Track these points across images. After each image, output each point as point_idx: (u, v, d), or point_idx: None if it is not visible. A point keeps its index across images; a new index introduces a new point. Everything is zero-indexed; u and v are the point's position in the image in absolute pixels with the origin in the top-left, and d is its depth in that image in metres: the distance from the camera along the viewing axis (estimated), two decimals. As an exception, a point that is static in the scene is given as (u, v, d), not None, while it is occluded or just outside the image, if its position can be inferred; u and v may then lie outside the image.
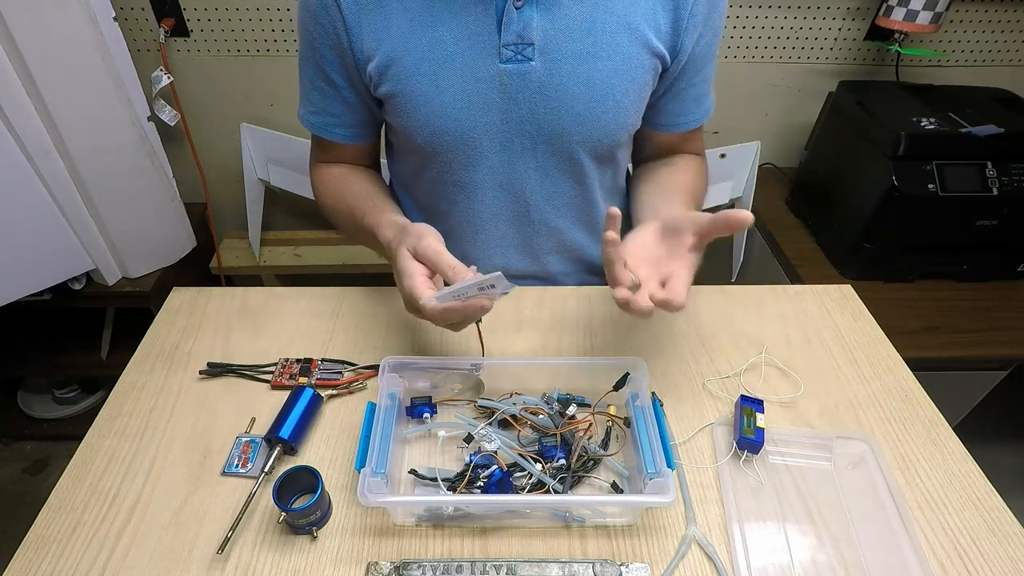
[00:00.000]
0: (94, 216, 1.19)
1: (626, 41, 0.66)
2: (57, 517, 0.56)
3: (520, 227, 0.79)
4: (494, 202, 0.76)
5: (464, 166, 0.73)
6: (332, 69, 0.70)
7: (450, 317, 0.57)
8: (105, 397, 0.74)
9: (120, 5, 1.28)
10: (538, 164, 0.73)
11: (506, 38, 0.64)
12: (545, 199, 0.77)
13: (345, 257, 1.60)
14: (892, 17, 1.26)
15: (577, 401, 0.63)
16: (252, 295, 0.80)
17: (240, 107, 1.47)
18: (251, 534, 0.55)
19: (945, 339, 1.13)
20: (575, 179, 0.76)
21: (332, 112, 0.74)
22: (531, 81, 0.66)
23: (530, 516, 0.56)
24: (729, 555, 0.55)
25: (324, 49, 0.68)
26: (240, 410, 0.66)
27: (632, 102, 0.70)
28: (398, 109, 0.69)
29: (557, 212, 0.79)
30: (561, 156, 0.73)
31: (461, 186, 0.75)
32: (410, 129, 0.70)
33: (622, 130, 0.72)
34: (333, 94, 0.72)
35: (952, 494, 0.60)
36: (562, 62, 0.66)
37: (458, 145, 0.71)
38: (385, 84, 0.68)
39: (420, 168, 0.76)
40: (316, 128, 0.76)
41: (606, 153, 0.75)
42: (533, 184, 0.75)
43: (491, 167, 0.73)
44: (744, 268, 1.54)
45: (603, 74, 0.67)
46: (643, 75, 0.69)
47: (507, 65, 0.66)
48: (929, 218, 1.14)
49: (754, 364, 0.73)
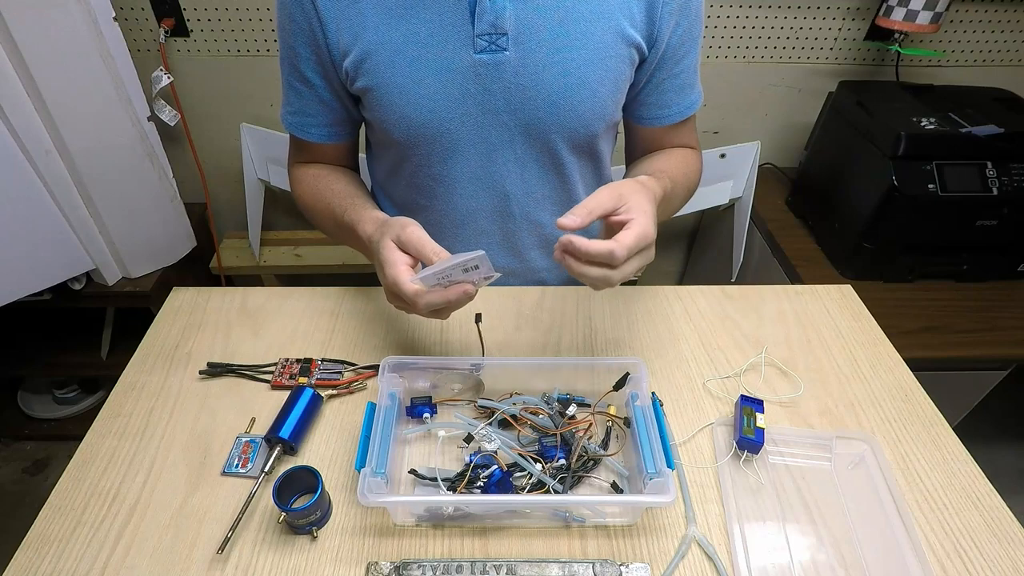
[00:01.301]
0: (94, 216, 1.18)
1: (599, 30, 0.66)
2: (57, 517, 0.56)
3: (501, 222, 0.79)
4: (474, 196, 0.76)
5: (442, 159, 0.73)
6: (308, 67, 0.70)
7: (433, 303, 0.56)
8: (105, 397, 0.74)
9: (120, 5, 1.28)
10: (516, 156, 0.73)
11: (479, 28, 0.64)
12: (525, 192, 0.77)
13: (345, 257, 1.60)
14: (892, 17, 1.26)
15: (577, 401, 0.63)
16: (252, 295, 0.80)
17: (240, 107, 1.47)
18: (251, 534, 0.55)
19: (945, 339, 1.13)
20: (555, 172, 0.76)
21: (308, 112, 0.74)
22: (506, 71, 0.67)
23: (530, 516, 0.56)
24: (729, 555, 0.55)
25: (300, 47, 0.68)
26: (240, 410, 0.66)
27: (609, 91, 0.70)
28: (374, 103, 0.69)
29: (538, 206, 0.79)
30: (539, 147, 0.73)
31: (440, 180, 0.75)
32: (387, 123, 0.70)
33: (599, 120, 0.72)
34: (309, 93, 0.72)
35: (952, 494, 0.60)
36: (536, 51, 0.66)
37: (435, 137, 0.71)
38: (361, 78, 0.68)
39: (398, 163, 0.77)
40: (293, 128, 0.76)
41: (584, 144, 0.75)
42: (513, 177, 0.75)
43: (469, 160, 0.73)
44: (744, 268, 1.54)
45: (577, 63, 0.67)
46: (619, 64, 0.69)
47: (481, 55, 0.66)
48: (929, 218, 1.14)
49: (754, 364, 0.73)
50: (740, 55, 1.45)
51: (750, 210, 1.48)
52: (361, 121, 0.78)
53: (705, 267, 1.80)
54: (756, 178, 1.48)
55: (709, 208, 1.56)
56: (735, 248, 1.54)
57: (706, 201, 1.54)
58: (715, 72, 1.46)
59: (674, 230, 1.82)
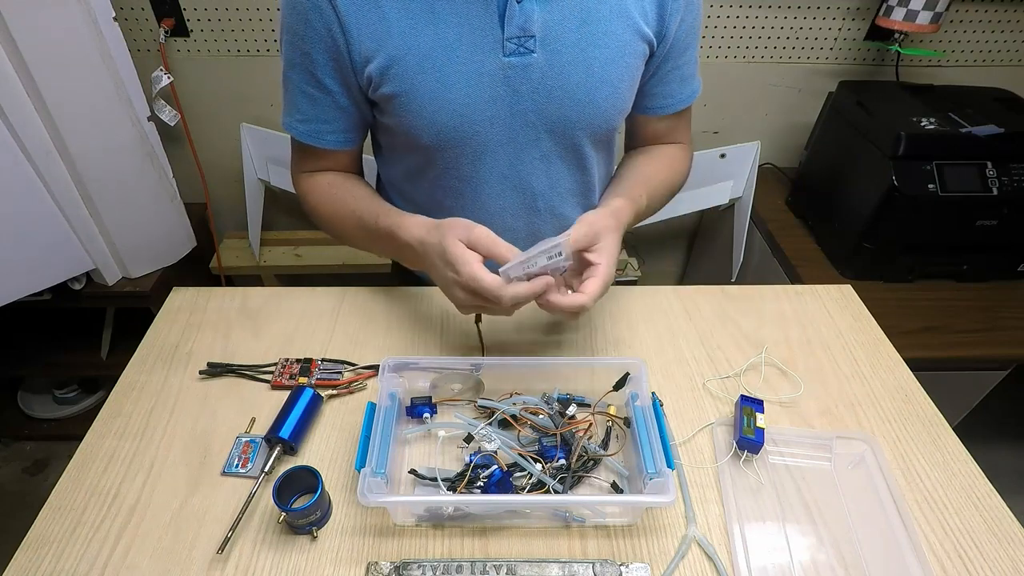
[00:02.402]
0: (94, 216, 1.18)
1: (619, 28, 0.68)
2: (57, 517, 0.56)
3: (527, 218, 0.80)
4: (500, 195, 0.77)
5: (471, 161, 0.73)
6: (325, 74, 0.68)
7: (520, 295, 0.58)
8: (105, 397, 0.74)
9: (120, 5, 1.28)
10: (542, 153, 0.74)
11: (509, 32, 0.65)
12: (550, 187, 0.78)
13: (345, 257, 1.60)
14: (892, 17, 1.26)
15: (577, 401, 0.63)
16: (252, 295, 0.80)
17: (240, 107, 1.47)
18: (251, 534, 0.55)
19: (945, 339, 1.13)
20: (577, 165, 0.78)
21: (324, 119, 0.73)
22: (533, 72, 0.67)
23: (530, 516, 0.56)
24: (729, 555, 0.55)
25: (316, 53, 0.67)
26: (240, 410, 0.66)
27: (627, 87, 0.73)
28: (401, 109, 0.69)
29: (562, 199, 0.80)
30: (564, 144, 0.74)
31: (468, 181, 0.75)
32: (415, 128, 0.70)
33: (619, 114, 0.75)
34: (326, 100, 0.71)
35: (952, 494, 0.60)
36: (562, 52, 0.67)
37: (466, 140, 0.71)
38: (387, 84, 0.67)
39: (423, 166, 0.76)
40: (306, 137, 0.74)
41: (604, 137, 0.77)
42: (538, 173, 0.76)
43: (497, 160, 0.74)
44: (744, 268, 1.54)
45: (600, 61, 0.68)
46: (635, 60, 0.71)
47: (510, 58, 0.66)
48: (929, 218, 1.14)
49: (754, 364, 0.73)
50: (740, 55, 1.45)
51: (750, 210, 1.48)
52: (372, 125, 0.78)
53: (705, 267, 1.80)
54: (756, 178, 1.48)
55: (709, 208, 1.56)
56: (735, 248, 1.54)
57: (706, 201, 1.54)
58: (716, 72, 1.46)
59: (674, 230, 1.82)
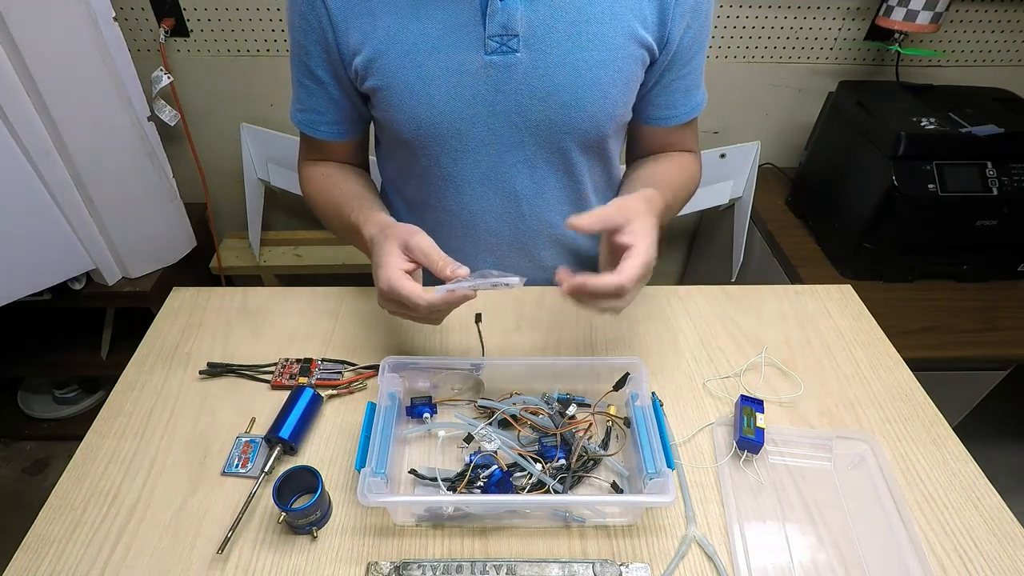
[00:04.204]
0: (94, 216, 1.18)
1: (611, 31, 0.66)
2: (57, 517, 0.56)
3: (512, 223, 0.79)
4: (483, 197, 0.77)
5: (452, 159, 0.73)
6: (317, 65, 0.70)
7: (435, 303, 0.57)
8: (105, 397, 0.74)
9: (120, 5, 1.28)
10: (526, 157, 0.73)
11: (491, 30, 0.64)
12: (536, 193, 0.77)
13: (345, 257, 1.60)
14: (892, 17, 1.26)
15: (577, 401, 0.63)
16: (252, 295, 0.80)
17: (240, 107, 1.47)
18: (251, 534, 0.55)
19: (945, 339, 1.13)
20: (564, 171, 0.76)
21: (318, 109, 0.74)
22: (516, 72, 0.67)
23: (530, 516, 0.56)
24: (729, 555, 0.55)
25: (309, 45, 0.69)
26: (240, 410, 0.66)
27: (620, 92, 0.70)
28: (384, 103, 0.69)
29: (549, 207, 0.79)
30: (550, 148, 0.73)
31: (449, 180, 0.75)
32: (396, 123, 0.70)
33: (610, 120, 0.72)
34: (319, 91, 0.73)
35: (952, 494, 0.60)
36: (547, 53, 0.66)
37: (445, 137, 0.71)
38: (371, 78, 0.68)
39: (408, 163, 0.77)
40: (303, 126, 0.77)
41: (594, 144, 0.75)
42: (522, 177, 0.75)
43: (479, 160, 0.73)
44: (744, 268, 1.54)
45: (589, 64, 0.67)
46: (631, 65, 0.69)
47: (492, 57, 0.66)
48: (929, 218, 1.14)
49: (754, 364, 0.73)
50: (741, 55, 1.45)
51: (750, 210, 1.48)
52: (371, 119, 0.78)
53: (705, 267, 1.80)
54: (756, 178, 1.48)
55: (709, 208, 1.56)
56: (735, 248, 1.54)
57: (706, 201, 1.54)
58: (716, 72, 1.46)
59: (674, 230, 1.82)
